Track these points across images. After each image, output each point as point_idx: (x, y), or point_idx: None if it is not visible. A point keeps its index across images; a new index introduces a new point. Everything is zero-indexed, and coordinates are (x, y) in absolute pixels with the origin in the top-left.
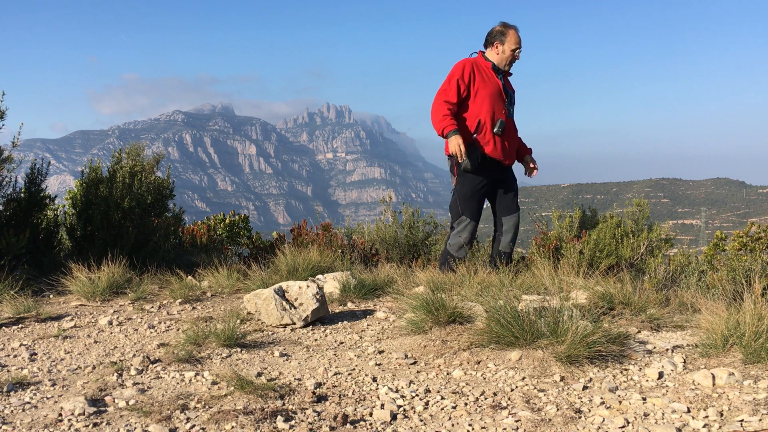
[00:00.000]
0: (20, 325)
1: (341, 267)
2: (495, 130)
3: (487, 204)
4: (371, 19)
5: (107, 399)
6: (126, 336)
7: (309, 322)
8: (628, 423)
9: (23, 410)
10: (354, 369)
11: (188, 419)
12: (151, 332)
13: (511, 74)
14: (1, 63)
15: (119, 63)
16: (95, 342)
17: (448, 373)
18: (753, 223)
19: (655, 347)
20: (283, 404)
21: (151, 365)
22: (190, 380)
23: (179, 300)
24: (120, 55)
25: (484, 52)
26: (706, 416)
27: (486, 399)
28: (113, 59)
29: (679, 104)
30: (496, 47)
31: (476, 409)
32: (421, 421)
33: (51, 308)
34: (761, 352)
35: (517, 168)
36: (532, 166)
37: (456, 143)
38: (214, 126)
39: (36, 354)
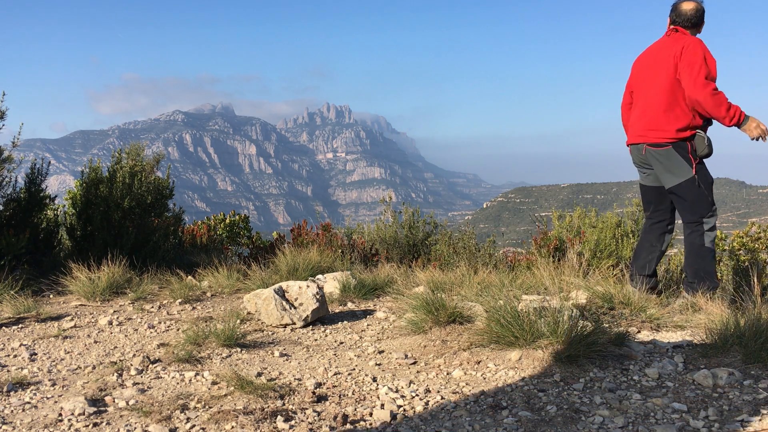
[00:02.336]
0: (20, 325)
1: (341, 267)
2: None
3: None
4: (372, 19)
5: (107, 399)
6: (126, 336)
7: (309, 322)
8: (629, 423)
9: (23, 410)
10: (354, 369)
11: (188, 419)
12: (151, 332)
13: None
14: (1, 62)
15: (119, 63)
16: (95, 342)
17: (448, 373)
18: (753, 223)
19: (655, 347)
20: (283, 404)
21: (151, 365)
22: (190, 380)
23: (179, 300)
24: (120, 54)
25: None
26: (707, 416)
27: (486, 399)
28: (113, 59)
29: None
30: (701, 29)
31: (476, 409)
32: (421, 421)
33: (51, 308)
34: (761, 352)
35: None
36: None
37: (757, 125)
38: (214, 126)
39: (36, 354)
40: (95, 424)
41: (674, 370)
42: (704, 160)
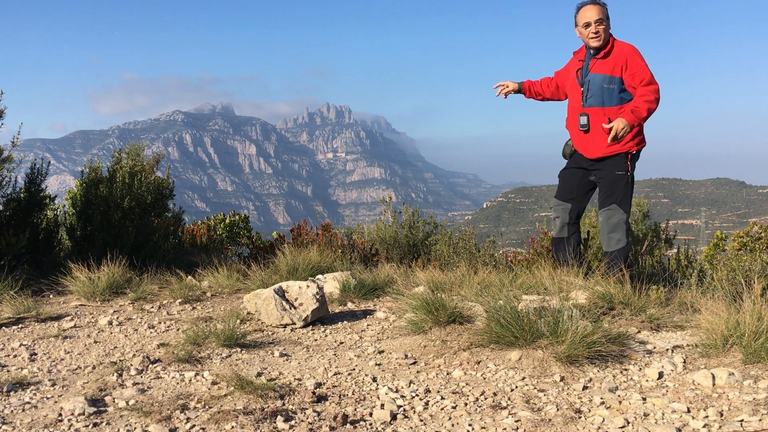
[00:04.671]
0: (20, 325)
1: (341, 267)
2: (579, 126)
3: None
4: (372, 19)
5: (107, 399)
6: (126, 336)
7: (309, 322)
8: (628, 423)
9: (23, 410)
10: (354, 369)
11: (188, 419)
12: (151, 332)
13: (605, 54)
14: (1, 62)
15: (119, 63)
16: (95, 342)
17: (448, 373)
18: (754, 223)
19: (655, 347)
20: (283, 404)
21: (151, 365)
22: (190, 380)
23: (179, 300)
24: (120, 54)
25: None
26: (706, 416)
27: (486, 399)
28: (113, 59)
29: (679, 104)
30: (575, 29)
31: (476, 409)
32: (421, 421)
33: (51, 308)
34: (761, 352)
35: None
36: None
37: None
38: (214, 126)
39: (36, 354)
40: (95, 424)
41: (674, 370)
42: (568, 160)
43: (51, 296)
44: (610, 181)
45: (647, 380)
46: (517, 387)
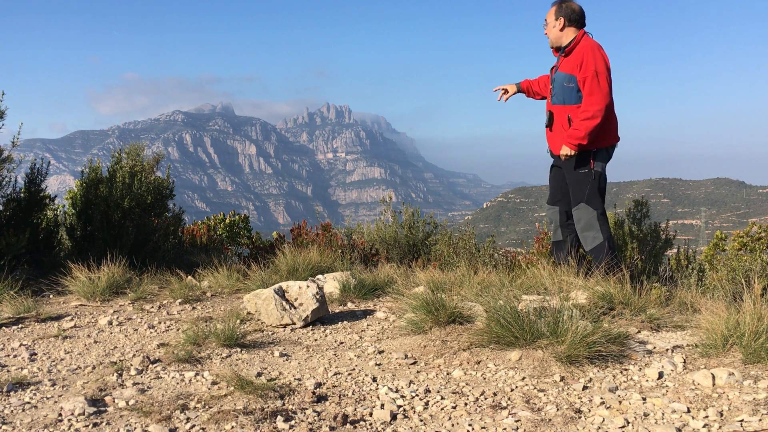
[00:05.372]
0: (20, 325)
1: (341, 267)
2: (545, 123)
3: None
4: (372, 19)
5: (107, 399)
6: (126, 336)
7: (309, 322)
8: (628, 423)
9: (23, 410)
10: (354, 369)
11: (188, 419)
12: (151, 332)
13: (568, 53)
14: (1, 63)
15: (119, 63)
16: (95, 342)
17: (448, 373)
18: (754, 223)
19: (655, 347)
20: (283, 404)
21: (151, 365)
22: (190, 380)
23: (179, 300)
24: (120, 55)
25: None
26: (706, 416)
27: (486, 399)
28: (113, 59)
29: (679, 104)
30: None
31: (476, 409)
32: (421, 421)
33: (51, 308)
34: (761, 352)
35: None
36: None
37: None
38: (214, 126)
39: (36, 354)
40: (95, 424)
41: (674, 370)
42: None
43: (51, 296)
44: (575, 180)
45: (647, 380)
46: (517, 387)
